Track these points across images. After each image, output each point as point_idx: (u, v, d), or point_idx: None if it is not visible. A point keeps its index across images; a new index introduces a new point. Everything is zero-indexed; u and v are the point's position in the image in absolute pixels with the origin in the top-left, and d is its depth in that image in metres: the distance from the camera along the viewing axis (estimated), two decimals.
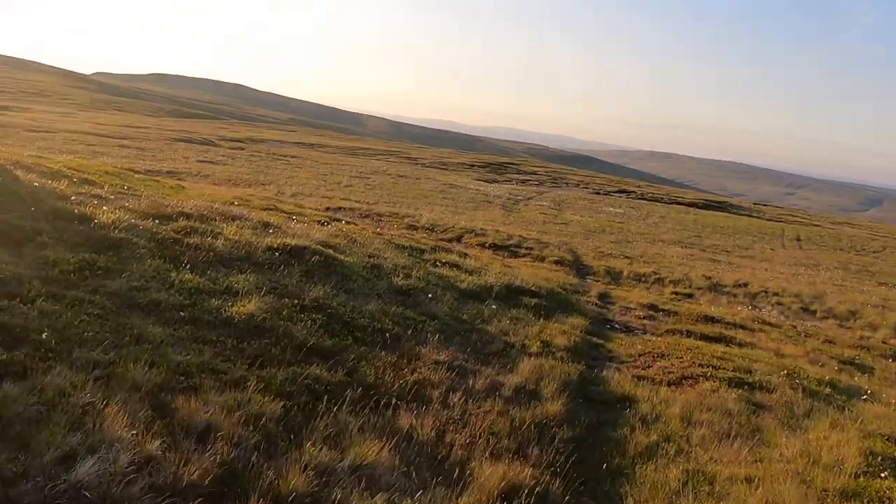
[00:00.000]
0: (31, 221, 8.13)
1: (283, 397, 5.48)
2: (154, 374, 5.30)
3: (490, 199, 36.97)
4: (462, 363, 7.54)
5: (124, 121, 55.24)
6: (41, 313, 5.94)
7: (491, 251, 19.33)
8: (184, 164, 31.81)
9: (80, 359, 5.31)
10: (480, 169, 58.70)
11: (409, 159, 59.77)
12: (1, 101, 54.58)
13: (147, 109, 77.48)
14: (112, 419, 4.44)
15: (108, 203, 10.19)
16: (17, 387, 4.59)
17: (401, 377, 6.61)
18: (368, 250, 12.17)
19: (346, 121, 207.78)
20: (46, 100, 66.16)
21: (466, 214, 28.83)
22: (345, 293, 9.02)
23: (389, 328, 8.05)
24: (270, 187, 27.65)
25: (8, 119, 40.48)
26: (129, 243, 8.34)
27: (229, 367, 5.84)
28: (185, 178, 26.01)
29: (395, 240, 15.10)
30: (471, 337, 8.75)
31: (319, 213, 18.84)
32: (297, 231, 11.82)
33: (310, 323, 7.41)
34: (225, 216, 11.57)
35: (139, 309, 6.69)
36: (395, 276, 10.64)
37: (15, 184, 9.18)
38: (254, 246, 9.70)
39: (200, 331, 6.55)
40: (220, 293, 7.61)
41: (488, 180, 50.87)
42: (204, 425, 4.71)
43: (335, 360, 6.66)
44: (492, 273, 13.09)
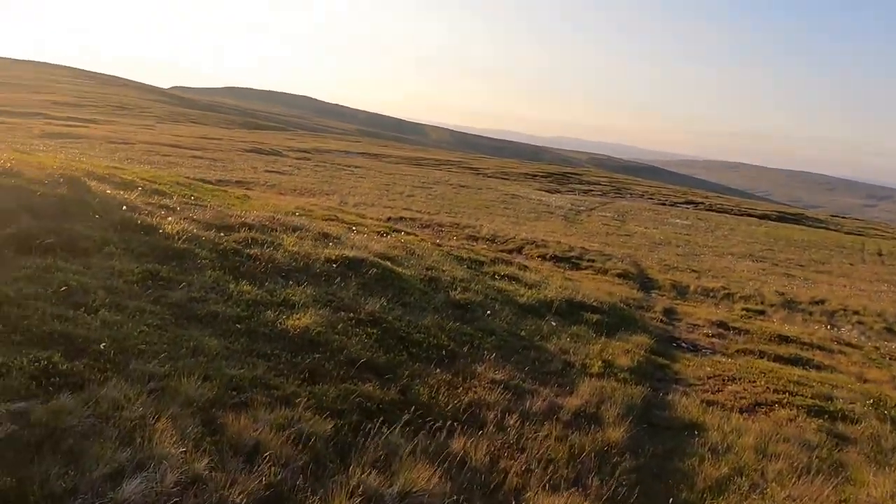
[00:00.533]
0: (100, 232, 8.37)
1: (333, 416, 5.37)
2: (207, 388, 5.28)
3: (552, 210, 36.45)
4: (519, 383, 7.28)
5: (199, 132, 57.44)
6: (103, 323, 6.04)
7: (552, 263, 18.94)
8: (252, 174, 32.67)
9: (137, 371, 5.34)
10: (542, 179, 58.10)
11: (471, 169, 59.74)
12: (88, 115, 57.68)
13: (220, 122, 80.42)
14: (162, 435, 4.41)
15: (175, 213, 10.43)
16: (74, 398, 4.63)
17: (455, 397, 6.41)
18: (427, 262, 12.05)
19: (409, 131, 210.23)
20: (128, 113, 69.58)
21: (527, 225, 28.46)
22: (401, 307, 8.90)
23: (445, 344, 7.87)
24: (334, 197, 28.04)
25: (93, 131, 42.67)
26: (191, 254, 8.47)
27: (281, 383, 5.78)
28: (253, 188, 26.67)
29: (454, 251, 14.95)
30: (529, 355, 8.47)
31: (380, 224, 18.90)
32: (357, 242, 11.82)
33: (364, 337, 7.32)
34: (286, 227, 11.68)
35: (197, 320, 6.74)
36: (452, 290, 10.46)
37: (87, 194, 9.50)
38: (312, 257, 9.72)
39: (255, 344, 6.53)
40: (276, 305, 7.61)
41: (550, 190, 50.26)
42: (252, 444, 4.64)
43: (389, 376, 6.53)
44: (552, 287, 12.75)
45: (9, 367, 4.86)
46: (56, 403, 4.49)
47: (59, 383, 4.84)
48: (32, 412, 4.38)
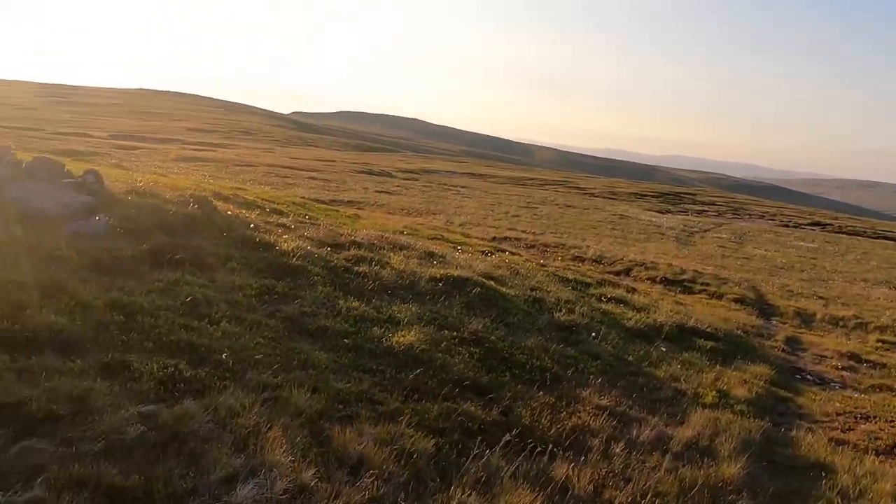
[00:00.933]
0: (223, 248, 8.95)
1: (435, 434, 5.40)
2: (315, 400, 5.48)
3: (662, 231, 35.11)
4: (626, 410, 7.01)
5: (314, 155, 60.39)
6: (224, 334, 6.44)
7: (662, 286, 18.21)
8: (363, 194, 33.87)
9: (252, 380, 5.64)
10: (653, 199, 56.20)
11: (578, 189, 58.84)
12: (216, 139, 62.21)
13: (334, 144, 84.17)
14: (273, 443, 4.61)
15: (291, 232, 10.99)
16: (196, 404, 4.94)
17: (558, 421, 6.27)
18: (531, 282, 11.95)
19: (515, 152, 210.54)
20: (252, 137, 74.37)
21: (636, 246, 27.57)
22: (504, 327, 8.86)
23: (549, 366, 7.74)
24: (440, 217, 28.50)
25: (221, 155, 45.94)
26: (304, 270, 8.87)
27: (385, 398, 5.89)
28: (363, 208, 27.63)
29: (559, 272, 14.73)
30: (636, 381, 8.15)
31: (485, 244, 18.98)
32: (461, 261, 11.92)
33: (467, 356, 7.34)
34: (393, 245, 11.99)
35: (308, 334, 7.03)
36: (557, 311, 10.30)
37: (213, 213, 10.21)
38: (418, 276, 9.90)
39: (361, 359, 6.72)
40: (382, 322, 7.80)
41: (661, 211, 48.50)
42: (357, 457, 4.75)
43: (491, 397, 6.49)
44: (662, 311, 12.25)
45: (141, 371, 5.28)
46: (180, 408, 4.82)
47: (183, 389, 5.20)
48: (160, 415, 4.71)
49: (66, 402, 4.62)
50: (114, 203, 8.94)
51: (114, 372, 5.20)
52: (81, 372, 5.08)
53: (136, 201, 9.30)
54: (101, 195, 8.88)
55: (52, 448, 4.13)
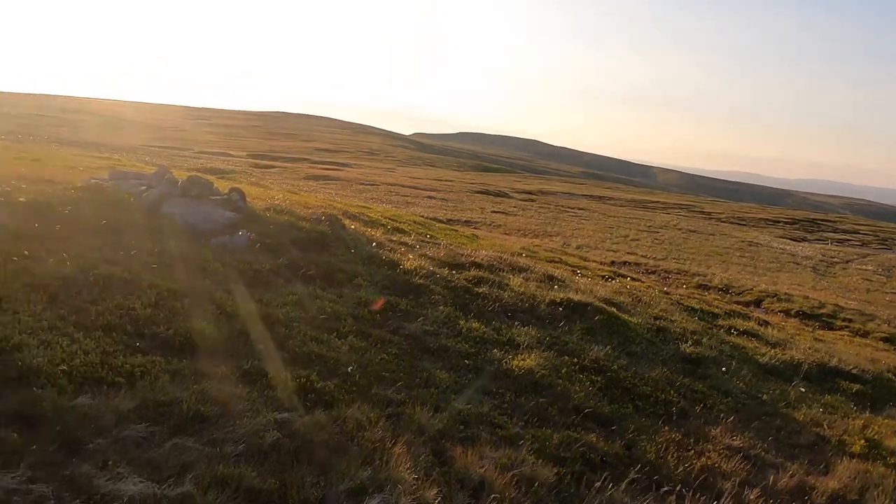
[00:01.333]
0: (351, 265, 9.33)
1: (556, 462, 5.29)
2: (437, 419, 5.55)
3: (797, 260, 32.69)
4: (761, 453, 6.54)
5: (433, 175, 61.83)
6: (351, 348, 6.69)
7: (797, 320, 16.94)
8: (479, 214, 34.19)
9: (377, 395, 5.81)
10: (786, 225, 52.52)
11: (702, 213, 56.15)
12: (342, 159, 65.34)
13: (452, 164, 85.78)
14: (397, 459, 4.71)
15: (413, 251, 11.27)
16: (325, 415, 5.16)
17: (686, 460, 5.95)
18: (654, 311, 11.50)
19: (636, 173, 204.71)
20: (375, 157, 77.41)
21: (767, 276, 25.83)
22: (626, 356, 8.57)
23: (675, 400, 7.39)
24: (557, 238, 28.18)
25: (347, 174, 48.15)
26: (426, 289, 9.05)
27: (505, 422, 5.86)
28: (480, 227, 27.87)
29: (683, 300, 14.08)
30: (772, 423, 7.58)
31: (604, 268, 18.53)
32: (581, 286, 11.70)
33: (588, 385, 7.16)
34: (512, 267, 11.98)
35: (429, 353, 7.15)
36: (682, 342, 9.82)
37: (342, 231, 10.68)
38: (537, 299, 9.81)
39: (481, 380, 6.73)
40: (502, 344, 7.79)
41: (796, 238, 45.20)
42: (478, 480, 4.75)
43: (613, 428, 6.28)
44: (799, 347, 11.37)
45: (276, 380, 5.58)
46: (312, 418, 5.05)
47: (314, 399, 5.44)
48: (293, 423, 4.96)
49: (212, 404, 4.97)
50: (254, 219, 9.58)
51: (253, 379, 5.54)
52: (225, 377, 5.45)
53: (273, 218, 9.92)
54: (243, 212, 9.54)
55: (200, 447, 4.45)
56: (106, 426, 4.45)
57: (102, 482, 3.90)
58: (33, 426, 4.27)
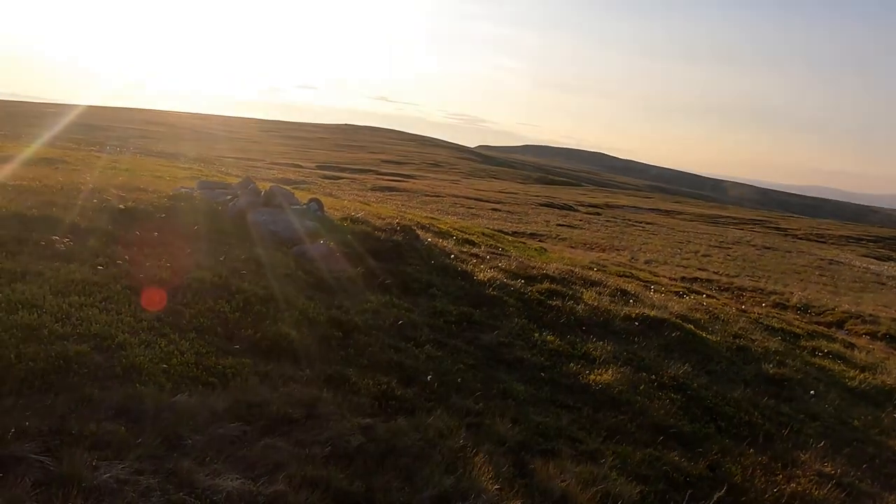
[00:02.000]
0: (425, 275, 9.45)
1: (639, 480, 5.19)
2: (517, 431, 5.54)
3: (882, 280, 30.98)
4: (854, 482, 6.22)
5: (498, 187, 61.86)
6: (428, 357, 6.77)
7: (884, 343, 16.02)
8: (545, 227, 33.96)
9: (456, 404, 5.84)
10: (870, 243, 49.90)
11: (778, 229, 54.02)
12: (409, 171, 66.26)
13: (517, 177, 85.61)
14: (479, 469, 4.72)
15: (484, 262, 11.31)
16: (407, 422, 5.23)
17: (774, 484, 5.73)
18: (733, 329, 11.13)
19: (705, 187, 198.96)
20: (440, 169, 78.11)
21: (850, 296, 24.57)
22: (706, 374, 8.33)
23: (759, 422, 7.12)
24: (624, 253, 27.67)
25: (412, 185, 48.79)
26: (499, 301, 9.06)
27: (585, 437, 5.79)
28: (546, 240, 27.68)
29: (762, 319, 13.57)
30: (865, 450, 7.20)
31: (675, 284, 18.08)
32: (655, 301, 11.46)
33: (668, 402, 6.99)
34: (584, 280, 11.85)
35: (505, 364, 7.15)
36: (765, 363, 9.47)
37: (416, 241, 10.83)
38: (611, 313, 9.67)
39: (558, 394, 6.68)
40: (577, 358, 7.71)
41: (880, 257, 42.87)
42: (560, 494, 4.70)
43: (696, 449, 6.11)
44: (891, 372, 10.76)
45: (358, 386, 5.70)
46: (394, 424, 5.13)
47: (395, 406, 5.52)
48: (376, 428, 5.05)
49: (298, 406, 5.11)
50: (332, 229, 9.84)
51: (336, 383, 5.67)
52: (309, 381, 5.61)
53: (350, 227, 10.16)
54: (322, 221, 9.82)
55: (289, 447, 4.59)
56: (202, 424, 4.65)
57: (202, 477, 4.08)
58: (137, 421, 4.50)
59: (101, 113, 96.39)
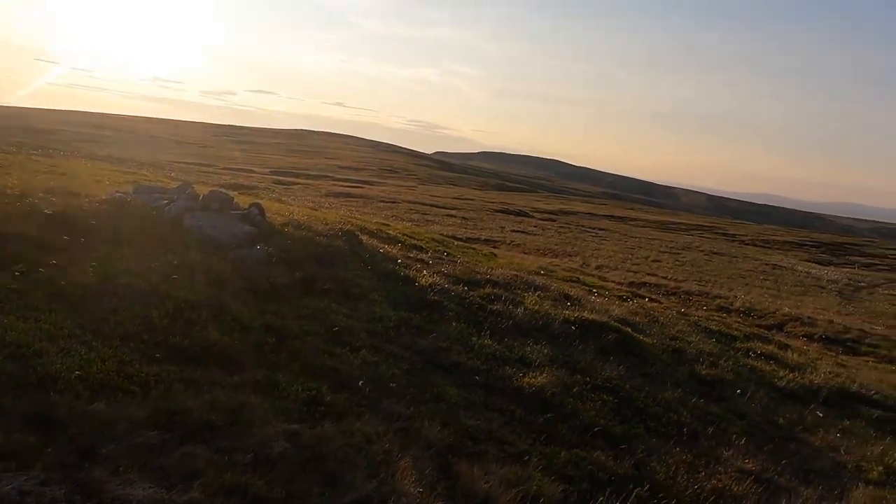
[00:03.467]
0: (367, 280, 9.43)
1: (563, 480, 5.28)
2: (446, 434, 5.58)
3: (822, 284, 32.13)
4: (774, 477, 6.45)
5: (454, 193, 62.06)
6: (363, 362, 6.76)
7: (820, 345, 16.64)
8: (499, 233, 34.20)
9: (387, 409, 5.85)
10: (812, 249, 51.73)
11: (726, 235, 55.55)
12: (364, 177, 65.91)
13: (474, 183, 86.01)
14: (403, 473, 4.74)
15: (429, 267, 11.34)
16: (334, 427, 5.21)
17: (696, 481, 5.90)
18: (671, 332, 11.42)
19: (658, 194, 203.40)
20: (396, 175, 77.93)
21: (791, 300, 25.43)
22: (640, 376, 8.52)
23: (687, 422, 7.32)
24: (576, 258, 28.07)
25: (368, 191, 48.56)
26: (440, 306, 9.11)
27: (514, 439, 5.87)
28: (499, 246, 27.88)
29: (702, 322, 13.95)
30: (787, 447, 7.48)
31: (622, 288, 18.43)
32: (596, 305, 11.67)
33: (600, 404, 7.13)
34: (528, 285, 11.99)
35: (441, 368, 7.19)
36: (698, 364, 9.74)
37: (359, 247, 10.80)
38: (551, 317, 9.81)
39: (492, 397, 6.74)
40: (514, 361, 7.80)
41: (821, 262, 44.46)
42: (483, 496, 4.75)
43: (623, 448, 6.25)
44: (820, 372, 11.19)
45: (287, 391, 5.66)
46: (321, 430, 5.10)
47: (323, 411, 5.50)
48: (302, 434, 5.02)
49: (222, 413, 5.05)
50: (273, 234, 9.74)
51: (265, 389, 5.62)
52: (237, 387, 5.54)
53: (291, 233, 10.08)
54: (262, 226, 9.71)
55: (209, 455, 4.52)
56: (119, 433, 4.55)
57: (113, 487, 3.99)
58: (49, 430, 4.38)
59: (48, 116, 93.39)
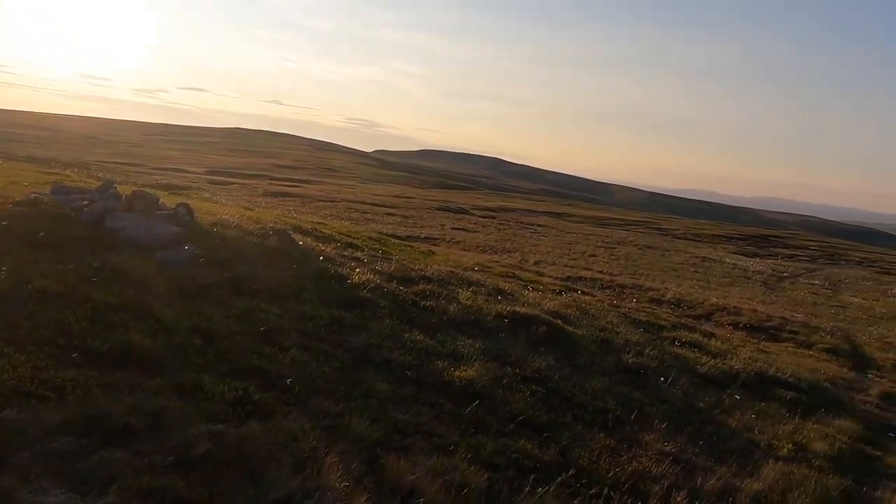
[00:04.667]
0: (298, 279, 9.35)
1: (489, 468, 5.41)
2: (374, 429, 5.63)
3: (748, 275, 33.63)
4: (691, 457, 6.77)
5: (395, 191, 61.93)
6: (293, 361, 6.72)
7: (744, 332, 17.43)
8: (439, 230, 34.35)
9: (315, 406, 5.86)
10: (739, 241, 54.08)
11: (659, 230, 57.44)
12: (303, 176, 64.99)
13: (415, 182, 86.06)
14: (329, 468, 4.77)
15: (363, 265, 11.33)
16: (261, 426, 5.19)
17: (618, 464, 6.13)
18: (600, 323, 11.77)
19: (596, 191, 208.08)
20: (336, 174, 77.17)
21: (719, 290, 26.52)
22: (569, 367, 8.77)
23: (612, 408, 7.59)
24: (515, 255, 28.46)
25: (307, 190, 47.92)
26: (373, 303, 9.13)
27: (443, 431, 5.96)
28: (439, 244, 28.01)
29: (631, 314, 14.41)
30: (705, 428, 7.85)
31: (557, 283, 18.82)
32: (530, 299, 11.91)
33: (528, 394, 7.31)
34: (463, 281, 12.13)
35: (372, 365, 7.22)
36: (625, 353, 10.08)
37: (292, 246, 10.70)
38: (484, 312, 9.97)
39: (422, 391, 6.83)
40: (446, 356, 7.90)
41: (748, 254, 46.53)
42: (409, 487, 4.83)
43: (549, 436, 6.44)
44: (740, 357, 11.75)
45: (213, 392, 5.59)
46: (246, 429, 5.07)
47: (250, 411, 5.46)
48: (227, 434, 4.97)
49: (143, 417, 4.95)
50: (201, 234, 9.55)
51: (188, 391, 5.53)
52: (159, 390, 5.44)
53: (221, 233, 9.90)
54: (190, 226, 9.51)
55: (128, 459, 4.44)
56: (31, 440, 4.41)
57: (23, 495, 3.88)
58: None
59: None
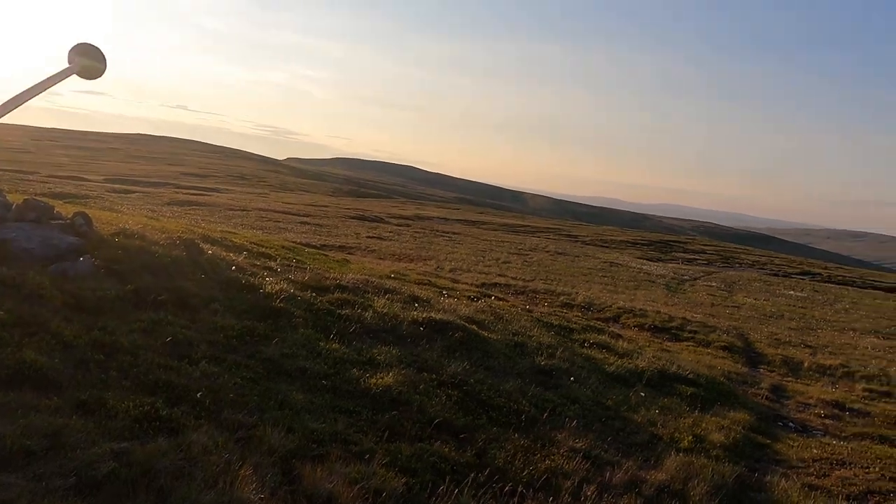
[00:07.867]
0: (207, 290, 9.07)
1: (406, 473, 5.45)
2: (289, 439, 5.55)
3: (652, 279, 35.33)
4: (600, 453, 7.07)
5: (308, 200, 60.87)
6: (202, 374, 6.52)
7: (649, 333, 18.32)
8: (354, 239, 34.07)
9: (228, 419, 5.71)
10: (644, 247, 56.68)
11: (570, 237, 59.32)
12: (211, 184, 62.74)
13: (328, 190, 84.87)
14: (243, 481, 4.66)
15: (276, 275, 11.12)
16: (169, 442, 5.01)
17: (532, 463, 6.33)
18: (514, 327, 12.06)
19: (508, 199, 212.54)
20: (247, 182, 75.00)
21: (626, 294, 27.73)
22: (484, 370, 8.95)
23: (526, 409, 7.81)
24: (431, 262, 28.65)
25: (216, 199, 46.29)
26: (287, 313, 8.98)
27: (360, 439, 5.96)
28: (354, 252, 27.79)
29: (544, 318, 14.86)
30: (613, 425, 8.22)
31: (472, 289, 19.12)
32: (445, 306, 12.05)
33: (445, 399, 7.41)
34: (379, 289, 12.12)
35: (287, 375, 7.11)
36: (538, 356, 10.39)
37: (200, 256, 10.36)
38: (400, 319, 10.01)
39: (339, 400, 6.79)
40: (362, 364, 7.89)
41: (651, 259, 48.86)
42: (326, 496, 4.80)
43: (465, 438, 6.55)
44: (645, 357, 12.35)
45: (117, 409, 5.34)
46: (153, 446, 4.88)
47: (158, 427, 5.26)
48: (132, 452, 4.77)
49: (40, 438, 4.67)
50: (101, 245, 9.08)
51: (90, 409, 5.27)
52: (57, 409, 5.15)
53: (123, 243, 9.46)
54: (88, 237, 9.03)
55: (24, 483, 4.18)
56: None
57: None
58: None
59: None
